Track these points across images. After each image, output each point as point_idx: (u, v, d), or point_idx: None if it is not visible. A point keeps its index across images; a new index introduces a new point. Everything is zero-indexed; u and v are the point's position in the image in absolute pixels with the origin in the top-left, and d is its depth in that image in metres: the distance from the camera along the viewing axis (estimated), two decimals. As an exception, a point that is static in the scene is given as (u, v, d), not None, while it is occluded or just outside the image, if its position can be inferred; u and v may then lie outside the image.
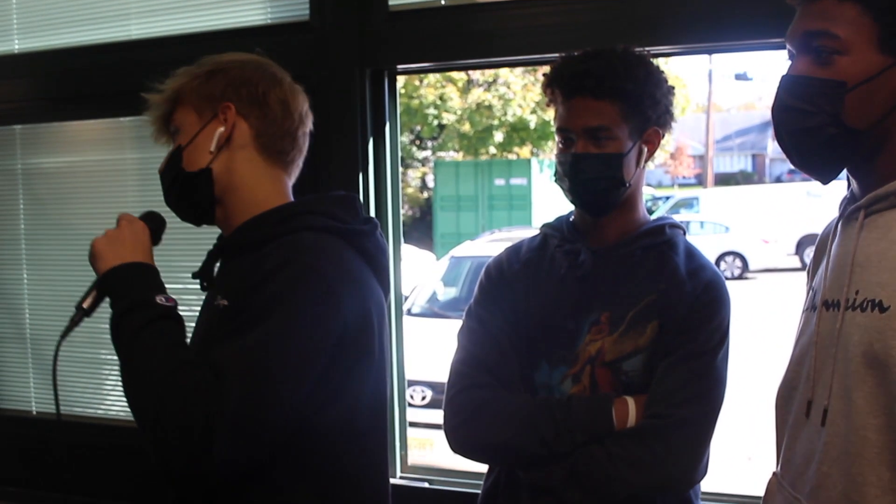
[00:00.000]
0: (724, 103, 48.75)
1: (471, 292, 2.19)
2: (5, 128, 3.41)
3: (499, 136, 20.74)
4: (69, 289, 3.35)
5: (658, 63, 2.06)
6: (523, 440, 1.94)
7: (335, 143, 2.76)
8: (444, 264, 9.22)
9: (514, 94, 20.33)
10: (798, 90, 1.47)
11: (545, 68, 2.08)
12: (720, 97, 49.24)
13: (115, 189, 3.23)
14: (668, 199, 27.06)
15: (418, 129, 22.58)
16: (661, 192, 34.65)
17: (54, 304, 3.43)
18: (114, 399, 3.34)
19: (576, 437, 1.92)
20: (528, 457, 1.95)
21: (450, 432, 2.03)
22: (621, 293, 2.02)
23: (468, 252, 9.24)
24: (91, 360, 3.35)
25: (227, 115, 1.82)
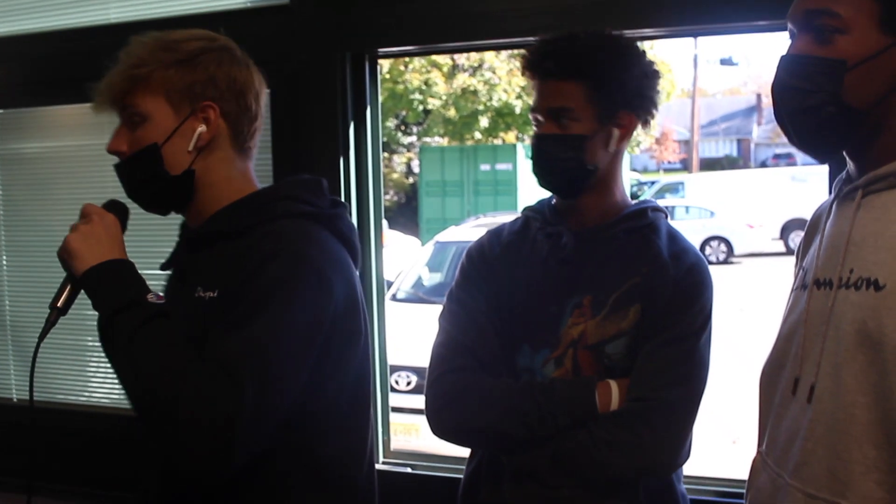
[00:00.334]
0: (709, 88, 48.94)
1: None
2: (-18, 113, 3.37)
3: (484, 122, 20.74)
4: (48, 275, 3.31)
5: (642, 47, 2.04)
6: (505, 424, 1.93)
7: (316, 128, 2.74)
8: (428, 250, 9.21)
9: (499, 79, 20.33)
10: (798, 69, 1.47)
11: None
12: (705, 82, 49.45)
13: (93, 174, 3.20)
14: (653, 183, 27.13)
15: (403, 114, 22.55)
16: (647, 177, 34.76)
17: (33, 291, 3.40)
18: (97, 386, 3.32)
19: (558, 420, 1.91)
20: (511, 441, 1.94)
21: (431, 416, 2.02)
22: (604, 276, 2.01)
23: (453, 237, 9.25)
24: (74, 347, 3.33)
25: (208, 115, 1.78)
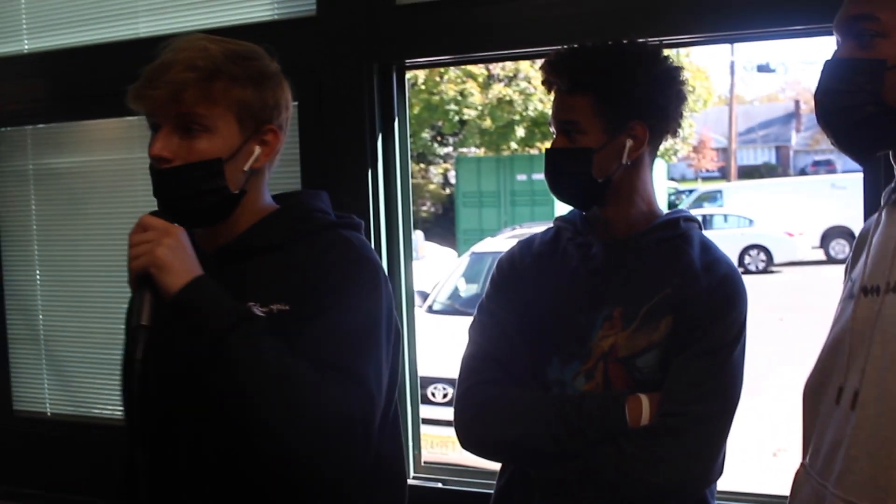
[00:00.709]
0: (746, 95, 48.61)
1: (491, 288, 2.17)
2: (16, 129, 3.40)
3: (520, 132, 20.71)
4: (82, 290, 3.37)
5: (660, 54, 2.01)
6: (534, 438, 1.91)
7: (344, 140, 2.73)
8: (464, 261, 9.21)
9: (534, 88, 20.28)
10: (839, 72, 1.51)
11: None
12: (743, 89, 49.07)
13: (124, 189, 3.22)
14: (691, 192, 26.94)
15: (439, 125, 22.57)
16: (685, 185, 34.52)
17: (67, 306, 3.41)
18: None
19: (588, 435, 1.88)
20: (540, 455, 1.91)
21: (460, 429, 2.00)
22: (634, 288, 1.98)
23: (489, 248, 9.24)
24: (106, 362, 3.33)
25: (268, 139, 1.77)
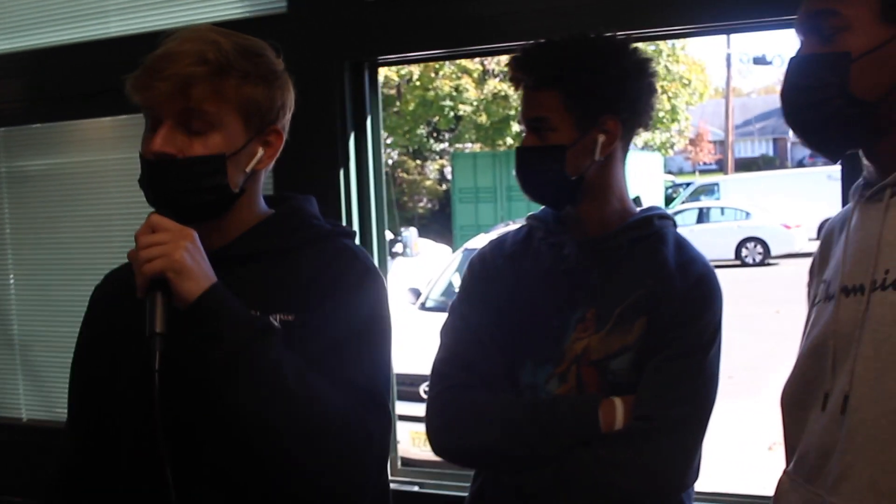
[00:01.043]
0: (743, 87, 48.60)
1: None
2: (-13, 131, 3.36)
3: (516, 127, 20.65)
4: (57, 293, 3.33)
5: (630, 46, 1.97)
6: (507, 443, 1.87)
7: (316, 138, 2.69)
8: (458, 257, 9.17)
9: (529, 83, 20.22)
10: (804, 68, 1.49)
11: None
12: (740, 81, 49.06)
13: (99, 191, 3.19)
14: (688, 185, 26.95)
15: (435, 120, 22.54)
16: (683, 178, 34.53)
17: (42, 310, 3.38)
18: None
19: (561, 440, 1.84)
20: (513, 460, 1.88)
21: (431, 435, 1.96)
22: (608, 288, 1.93)
23: (482, 244, 9.16)
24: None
25: (272, 140, 1.68)
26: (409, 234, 12.26)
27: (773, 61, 33.68)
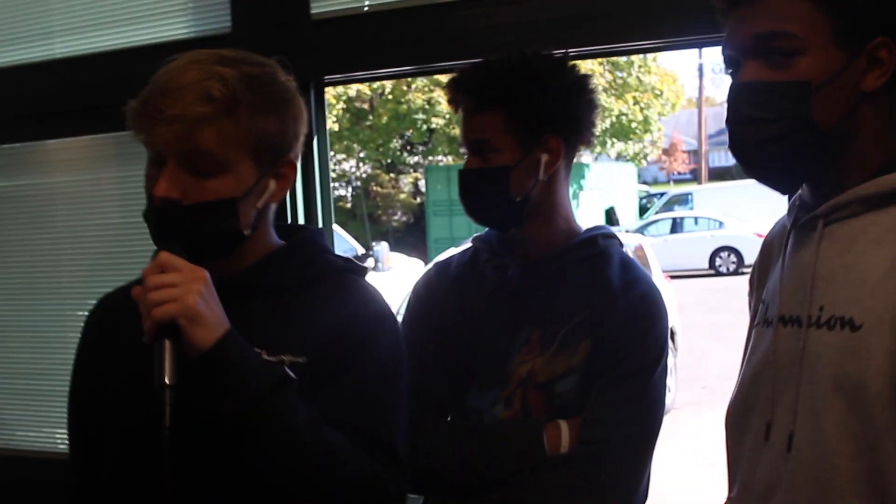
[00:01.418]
0: (717, 97, 48.81)
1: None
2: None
3: (489, 139, 20.67)
4: (4, 319, 3.26)
5: (568, 63, 1.95)
6: (452, 469, 1.85)
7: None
8: (428, 271, 9.12)
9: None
10: (758, 98, 1.37)
11: None
12: (713, 91, 49.37)
13: (48, 214, 3.14)
14: (663, 195, 27.05)
15: (408, 134, 22.54)
16: (657, 188, 34.67)
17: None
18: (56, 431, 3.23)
19: (506, 465, 1.82)
20: (460, 486, 1.85)
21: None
22: (552, 310, 1.92)
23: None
24: (32, 392, 3.24)
25: (286, 172, 1.58)
26: (381, 248, 12.18)
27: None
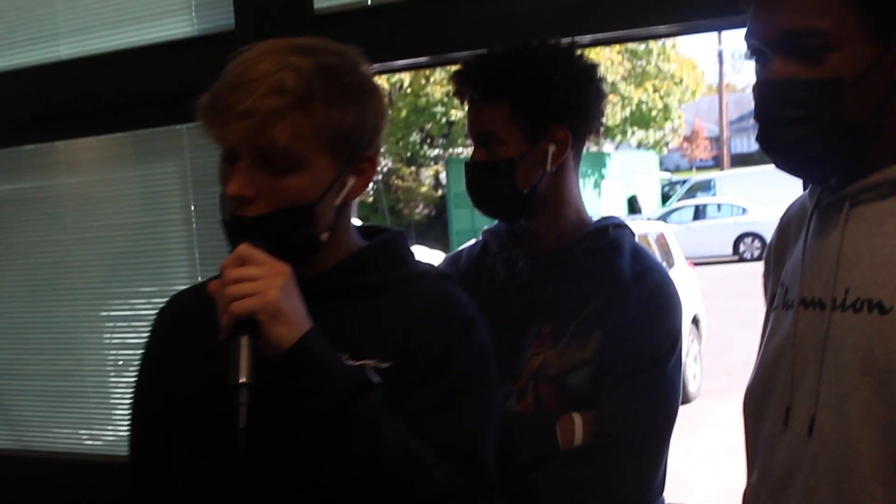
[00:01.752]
0: (738, 83, 48.58)
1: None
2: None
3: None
4: (15, 319, 3.27)
5: (577, 55, 1.92)
6: None
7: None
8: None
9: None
10: (788, 96, 1.33)
11: None
12: (733, 77, 49.10)
13: (53, 216, 3.14)
14: (685, 182, 26.92)
15: (427, 127, 22.53)
16: (679, 175, 34.51)
17: (2, 336, 3.32)
18: (74, 432, 3.23)
19: (519, 459, 1.80)
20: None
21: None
22: (563, 303, 1.89)
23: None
24: (46, 393, 3.24)
25: (366, 168, 1.50)
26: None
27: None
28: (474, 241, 2.11)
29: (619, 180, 23.34)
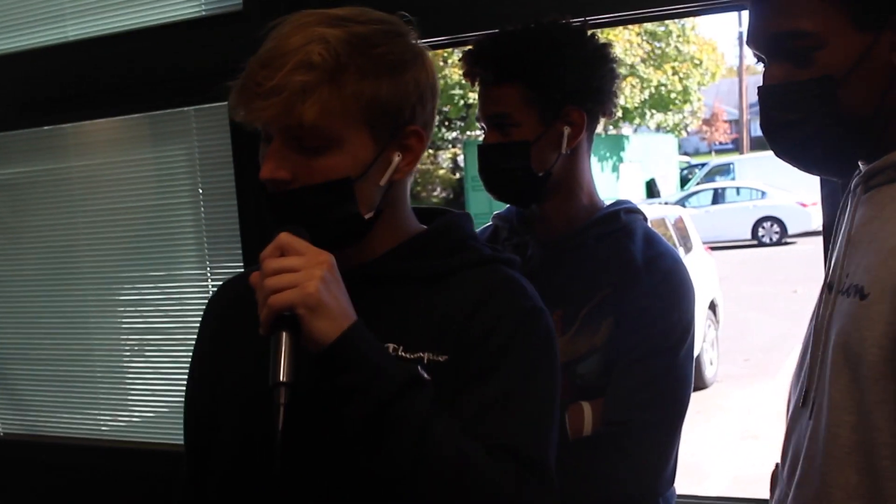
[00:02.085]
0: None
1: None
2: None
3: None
4: (27, 304, 3.28)
5: (589, 35, 1.89)
6: None
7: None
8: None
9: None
10: (784, 101, 1.35)
11: None
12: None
13: (62, 199, 3.13)
14: (703, 165, 26.78)
15: (445, 109, 22.47)
16: (698, 159, 34.33)
17: (13, 322, 3.33)
18: (83, 417, 3.23)
19: None
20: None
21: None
22: (573, 289, 1.86)
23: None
24: (57, 378, 3.23)
25: (411, 143, 1.39)
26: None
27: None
28: (484, 227, 2.07)
29: (638, 164, 23.23)
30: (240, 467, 1.42)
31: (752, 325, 10.97)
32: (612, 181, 21.75)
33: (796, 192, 18.36)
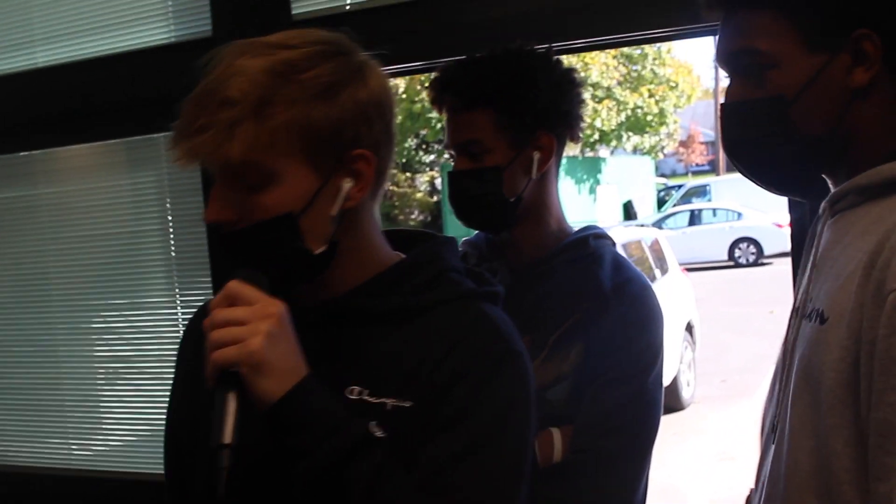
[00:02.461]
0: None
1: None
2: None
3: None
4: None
5: (556, 60, 1.89)
6: None
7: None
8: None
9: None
10: (741, 118, 1.38)
11: None
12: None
13: (28, 226, 3.10)
14: (680, 187, 26.91)
15: (423, 133, 22.51)
16: (675, 180, 34.51)
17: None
18: (53, 445, 3.18)
19: None
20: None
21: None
22: (542, 315, 1.85)
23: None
24: (23, 408, 3.19)
25: (359, 167, 1.30)
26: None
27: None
28: (453, 254, 2.07)
29: (615, 186, 23.33)
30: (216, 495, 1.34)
31: (729, 346, 11.01)
32: (589, 203, 21.83)
33: (772, 214, 18.48)
